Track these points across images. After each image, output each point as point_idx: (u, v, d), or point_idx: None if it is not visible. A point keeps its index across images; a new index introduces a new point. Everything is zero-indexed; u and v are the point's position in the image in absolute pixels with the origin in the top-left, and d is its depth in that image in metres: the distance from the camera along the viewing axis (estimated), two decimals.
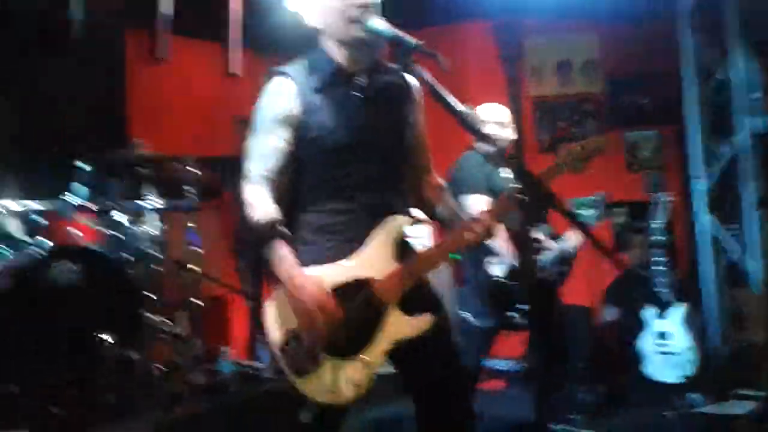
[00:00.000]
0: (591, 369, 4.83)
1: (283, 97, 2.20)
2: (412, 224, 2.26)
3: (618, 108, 6.10)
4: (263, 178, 2.18)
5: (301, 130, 2.19)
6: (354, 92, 2.23)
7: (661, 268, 4.67)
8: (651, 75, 6.01)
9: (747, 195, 4.78)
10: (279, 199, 2.19)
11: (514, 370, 5.20)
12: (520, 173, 2.25)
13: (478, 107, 4.18)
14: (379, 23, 2.13)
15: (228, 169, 4.88)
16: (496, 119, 4.05)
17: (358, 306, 2.12)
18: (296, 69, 2.25)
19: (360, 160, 2.21)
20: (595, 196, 4.61)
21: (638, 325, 4.69)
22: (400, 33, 2.10)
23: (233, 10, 5.74)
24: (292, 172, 2.22)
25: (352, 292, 2.14)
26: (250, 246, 2.34)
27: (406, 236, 2.27)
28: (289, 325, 2.13)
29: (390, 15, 2.22)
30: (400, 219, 2.22)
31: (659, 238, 4.72)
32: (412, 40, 2.06)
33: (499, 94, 6.04)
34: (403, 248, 2.23)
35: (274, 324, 2.15)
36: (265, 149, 2.19)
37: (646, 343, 4.64)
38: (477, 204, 3.64)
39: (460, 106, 2.07)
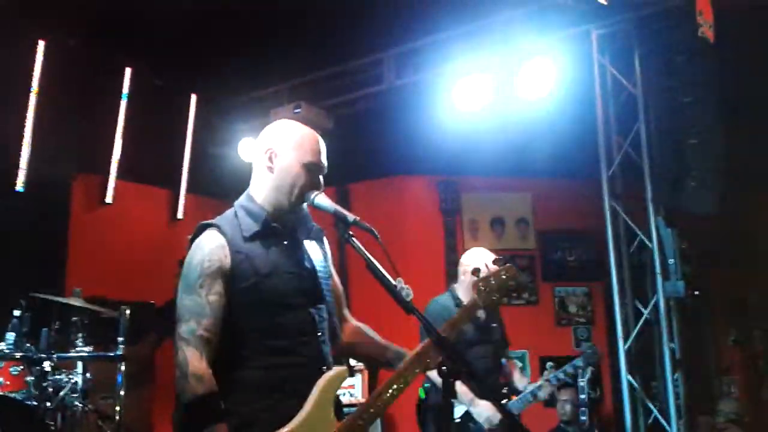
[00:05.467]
0: None
1: (213, 250, 2.16)
2: (348, 375, 2.24)
3: (549, 264, 6.39)
4: (200, 339, 2.09)
5: (234, 280, 2.15)
6: (284, 242, 2.27)
7: (586, 426, 4.74)
8: (580, 233, 6.36)
9: (665, 356, 4.95)
10: (213, 360, 2.10)
11: None
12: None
13: (471, 253, 4.18)
14: (322, 200, 2.25)
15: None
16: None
17: None
18: (225, 219, 2.25)
19: (295, 307, 2.20)
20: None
21: None
22: (340, 209, 2.22)
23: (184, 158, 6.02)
24: (227, 329, 2.14)
25: None
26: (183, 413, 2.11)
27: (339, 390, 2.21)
28: None
29: (337, 168, 2.38)
30: (338, 372, 2.19)
31: (585, 395, 4.82)
32: (350, 215, 2.18)
33: (436, 244, 6.42)
34: (339, 404, 2.19)
35: None
36: (200, 306, 2.11)
37: None
38: None
39: (391, 280, 2.14)
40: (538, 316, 6.15)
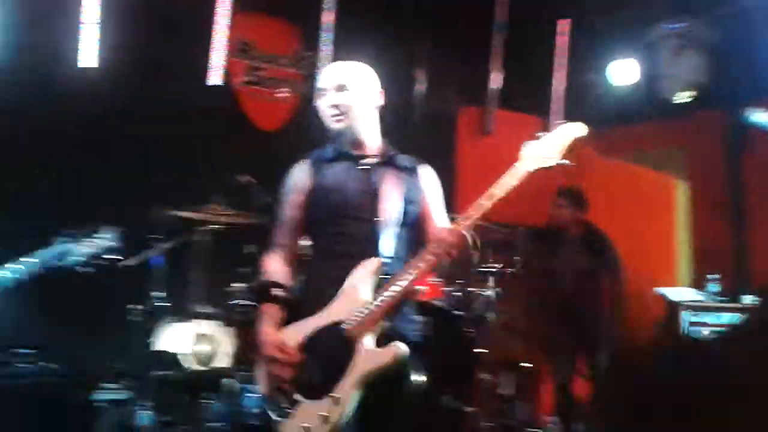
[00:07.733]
0: None
1: (298, 173, 2.66)
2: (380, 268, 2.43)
3: None
4: (279, 245, 2.63)
5: (311, 196, 2.59)
6: (356, 166, 2.58)
7: None
8: None
9: None
10: (293, 260, 2.61)
11: None
12: None
13: None
14: (758, 117, 2.13)
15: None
16: None
17: (331, 348, 2.35)
18: (317, 150, 2.68)
19: (355, 219, 2.50)
20: None
21: None
22: None
23: (556, 85, 6.04)
24: (311, 232, 2.61)
25: (325, 336, 2.38)
26: None
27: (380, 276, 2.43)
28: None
29: (728, 88, 2.16)
30: (369, 263, 2.43)
31: None
32: None
33: None
34: (377, 288, 2.42)
35: (262, 373, 2.44)
36: (283, 217, 2.64)
37: None
38: None
39: None
40: None
